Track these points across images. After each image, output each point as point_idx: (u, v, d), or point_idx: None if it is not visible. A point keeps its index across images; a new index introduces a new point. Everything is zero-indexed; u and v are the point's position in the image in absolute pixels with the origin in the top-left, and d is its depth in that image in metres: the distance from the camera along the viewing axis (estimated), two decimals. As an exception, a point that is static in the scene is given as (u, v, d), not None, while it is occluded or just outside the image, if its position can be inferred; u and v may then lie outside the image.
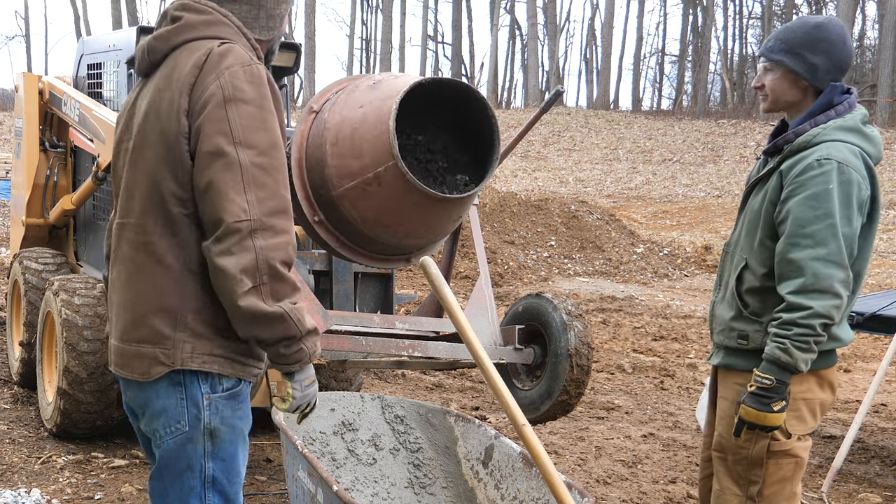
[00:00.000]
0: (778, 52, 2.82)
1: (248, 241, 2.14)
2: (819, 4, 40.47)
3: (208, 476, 2.34)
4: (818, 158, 2.69)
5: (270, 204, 2.17)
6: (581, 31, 77.00)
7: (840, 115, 2.78)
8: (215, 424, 2.32)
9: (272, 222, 2.17)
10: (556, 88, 5.08)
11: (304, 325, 2.22)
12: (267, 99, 2.24)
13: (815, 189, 2.67)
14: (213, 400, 2.31)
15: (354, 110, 4.07)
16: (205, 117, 2.19)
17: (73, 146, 6.28)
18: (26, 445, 4.99)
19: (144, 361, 2.30)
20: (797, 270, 2.68)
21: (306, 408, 2.40)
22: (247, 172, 2.16)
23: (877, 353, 8.78)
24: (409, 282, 11.60)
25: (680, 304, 11.20)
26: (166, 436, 2.33)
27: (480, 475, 3.59)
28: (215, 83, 2.20)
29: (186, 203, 2.24)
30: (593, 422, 6.04)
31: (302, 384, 2.32)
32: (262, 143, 2.19)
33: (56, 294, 4.93)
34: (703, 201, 21.98)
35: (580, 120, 34.72)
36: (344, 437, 3.68)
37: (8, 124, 29.35)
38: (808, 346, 2.66)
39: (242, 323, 2.20)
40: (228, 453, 2.36)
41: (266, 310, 2.15)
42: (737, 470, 2.88)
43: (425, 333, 4.68)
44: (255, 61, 2.27)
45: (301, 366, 2.28)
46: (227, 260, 2.14)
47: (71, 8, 44.31)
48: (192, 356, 2.28)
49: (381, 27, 42.69)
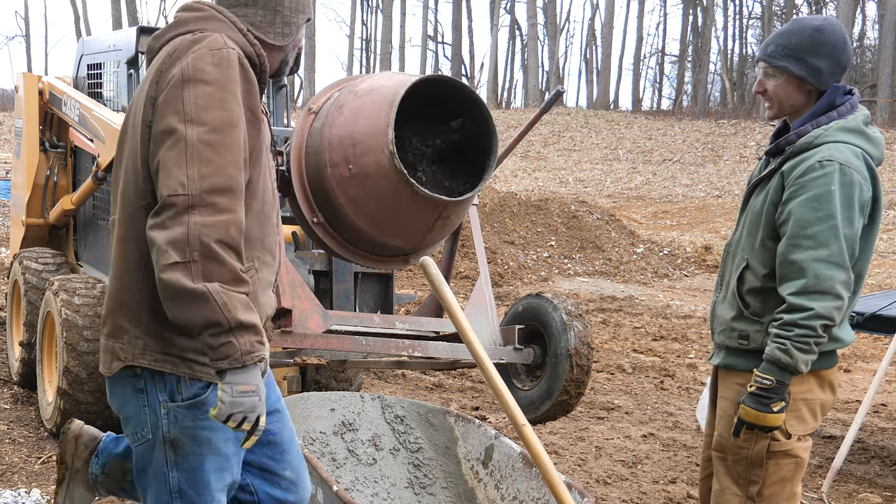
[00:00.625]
0: (780, 57, 2.82)
1: (183, 216, 2.03)
2: (819, 4, 40.48)
3: (173, 486, 2.26)
4: (820, 160, 2.69)
5: (214, 181, 2.06)
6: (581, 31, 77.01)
7: (842, 116, 2.78)
8: (175, 434, 2.22)
9: (213, 199, 2.05)
10: (556, 88, 5.08)
11: (235, 314, 2.03)
12: (232, 81, 2.15)
13: (816, 190, 2.67)
14: (170, 409, 2.22)
15: (353, 113, 4.08)
16: (163, 98, 2.14)
17: (73, 146, 6.28)
18: (26, 445, 4.99)
19: (108, 355, 2.28)
20: (799, 271, 2.68)
21: (242, 421, 2.11)
22: (191, 147, 2.06)
23: (877, 353, 8.78)
24: (409, 282, 11.60)
25: (680, 304, 11.20)
26: (135, 442, 2.31)
27: (480, 475, 3.59)
28: (178, 65, 2.16)
29: (146, 194, 2.18)
30: (593, 422, 6.04)
31: (233, 388, 2.07)
32: (215, 120, 2.10)
33: (56, 294, 4.93)
34: (703, 201, 21.99)
35: (580, 120, 34.72)
36: (344, 437, 3.68)
37: (8, 124, 29.34)
38: (808, 348, 2.67)
39: (165, 300, 2.07)
40: (192, 465, 2.25)
41: (187, 285, 2.00)
42: (737, 470, 2.88)
43: (425, 333, 4.69)
44: (229, 46, 2.20)
45: (231, 363, 2.05)
46: (158, 233, 2.05)
47: (71, 8, 44.32)
48: (143, 353, 2.21)
49: (381, 27, 42.70)
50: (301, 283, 4.24)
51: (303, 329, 4.15)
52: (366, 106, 4.04)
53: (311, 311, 4.21)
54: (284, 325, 4.10)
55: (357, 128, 4.01)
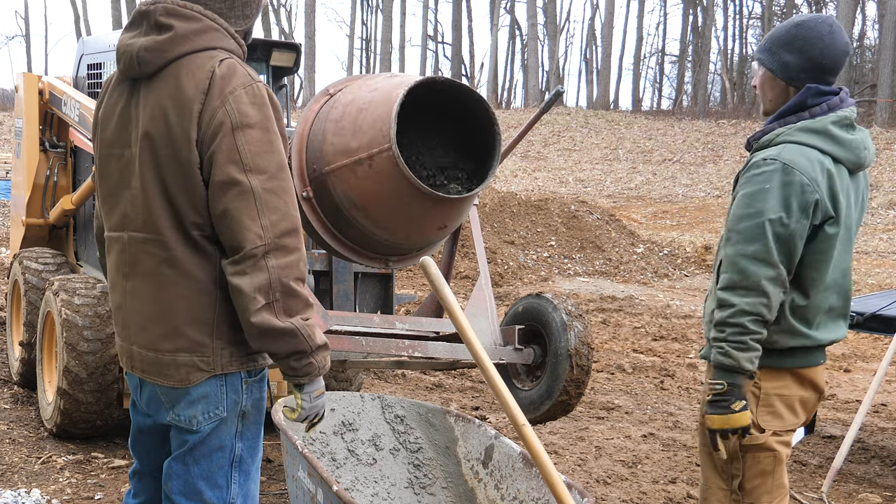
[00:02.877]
0: (760, 49, 2.86)
1: (262, 261, 2.26)
2: (819, 4, 40.47)
3: (237, 455, 2.47)
4: (764, 157, 2.71)
5: (282, 225, 2.29)
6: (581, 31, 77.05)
7: (813, 117, 2.76)
8: (248, 406, 2.47)
9: (284, 242, 2.29)
10: (556, 89, 5.08)
11: (315, 340, 2.33)
12: (271, 120, 2.32)
13: (753, 187, 2.70)
14: (250, 384, 2.47)
15: (366, 93, 4.09)
16: (216, 147, 2.28)
17: (73, 146, 6.28)
18: (26, 445, 4.99)
19: (182, 370, 2.40)
20: (727, 266, 2.73)
21: (315, 418, 2.51)
22: (259, 199, 2.27)
23: (877, 353, 8.78)
24: (409, 282, 11.61)
25: (680, 304, 11.20)
26: (204, 421, 2.43)
27: (480, 475, 3.59)
28: (222, 110, 2.28)
29: (204, 227, 2.35)
30: (593, 422, 6.04)
31: (311, 395, 2.44)
32: (271, 166, 2.29)
33: (56, 294, 4.93)
34: (703, 201, 21.99)
35: (580, 120, 34.71)
36: (344, 437, 3.68)
37: (8, 124, 29.35)
38: (745, 345, 2.68)
39: (255, 337, 2.32)
40: (253, 432, 2.51)
41: (278, 325, 2.27)
42: (720, 464, 2.90)
43: (425, 333, 4.68)
44: (256, 79, 2.34)
45: (310, 378, 2.39)
46: (242, 279, 2.27)
47: (71, 8, 44.35)
48: (230, 361, 2.42)
49: (381, 27, 42.67)
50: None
51: (303, 329, 4.14)
52: (378, 91, 4.04)
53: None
54: (284, 326, 4.09)
55: (365, 107, 4.01)
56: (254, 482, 2.55)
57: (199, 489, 2.44)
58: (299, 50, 6.16)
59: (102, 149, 2.49)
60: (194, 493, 2.44)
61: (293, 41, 6.06)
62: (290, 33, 48.78)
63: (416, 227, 4.21)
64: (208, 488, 2.44)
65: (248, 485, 2.52)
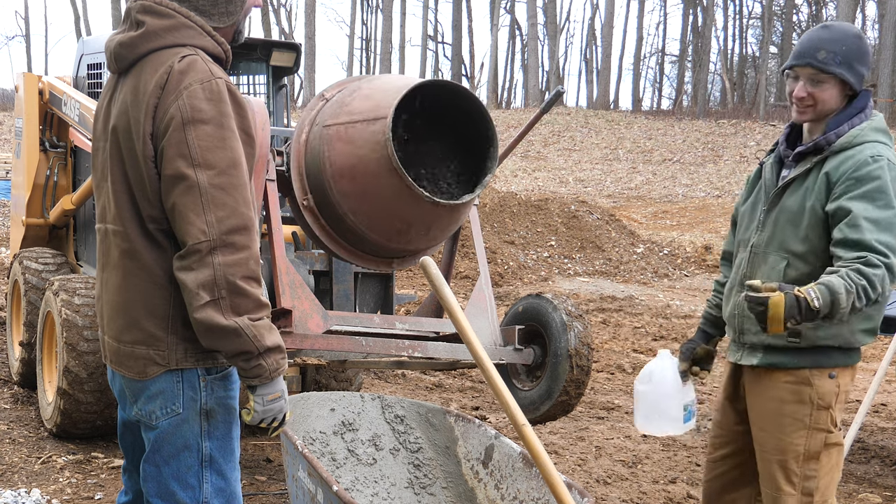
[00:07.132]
0: (834, 64, 2.89)
1: (207, 258, 2.23)
2: (819, 4, 40.48)
3: (206, 455, 2.43)
4: (871, 155, 2.82)
5: (230, 222, 2.25)
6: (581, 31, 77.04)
7: (868, 118, 2.95)
8: (211, 405, 2.42)
9: (232, 239, 2.25)
10: (556, 89, 5.08)
11: (263, 341, 2.28)
12: (226, 116, 2.29)
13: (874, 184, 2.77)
14: (208, 381, 2.42)
15: (362, 99, 4.09)
16: (166, 141, 2.27)
17: (73, 146, 6.28)
18: (26, 445, 4.99)
19: (139, 362, 2.40)
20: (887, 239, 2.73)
21: (272, 422, 2.45)
22: (206, 194, 2.24)
23: (877, 353, 8.78)
24: (409, 282, 11.61)
25: (680, 304, 11.20)
26: (163, 416, 2.41)
27: (480, 475, 3.59)
28: (174, 105, 2.27)
29: (160, 221, 2.35)
30: (593, 422, 6.04)
31: (264, 398, 2.38)
32: (222, 162, 2.26)
33: (56, 294, 4.93)
34: (703, 201, 21.98)
35: (580, 120, 34.71)
36: (344, 437, 3.68)
37: (8, 124, 29.35)
38: (861, 304, 2.68)
39: (201, 334, 2.30)
40: (223, 433, 2.45)
41: (222, 323, 2.24)
42: (792, 469, 2.91)
43: (425, 333, 4.68)
44: (215, 75, 2.31)
45: (261, 381, 2.34)
46: (188, 275, 2.25)
47: (71, 8, 44.34)
48: (185, 357, 2.39)
49: (381, 27, 42.67)
50: (301, 283, 4.24)
51: (303, 329, 4.15)
52: (374, 96, 4.05)
53: (311, 312, 4.20)
54: (284, 326, 4.10)
55: (361, 114, 4.01)
56: (235, 482, 2.51)
57: (171, 490, 2.43)
58: (299, 50, 6.16)
59: (93, 143, 2.56)
60: (168, 495, 2.43)
61: (293, 41, 6.07)
62: (290, 33, 48.77)
63: (415, 232, 4.22)
64: (180, 489, 2.43)
65: (227, 485, 2.48)
